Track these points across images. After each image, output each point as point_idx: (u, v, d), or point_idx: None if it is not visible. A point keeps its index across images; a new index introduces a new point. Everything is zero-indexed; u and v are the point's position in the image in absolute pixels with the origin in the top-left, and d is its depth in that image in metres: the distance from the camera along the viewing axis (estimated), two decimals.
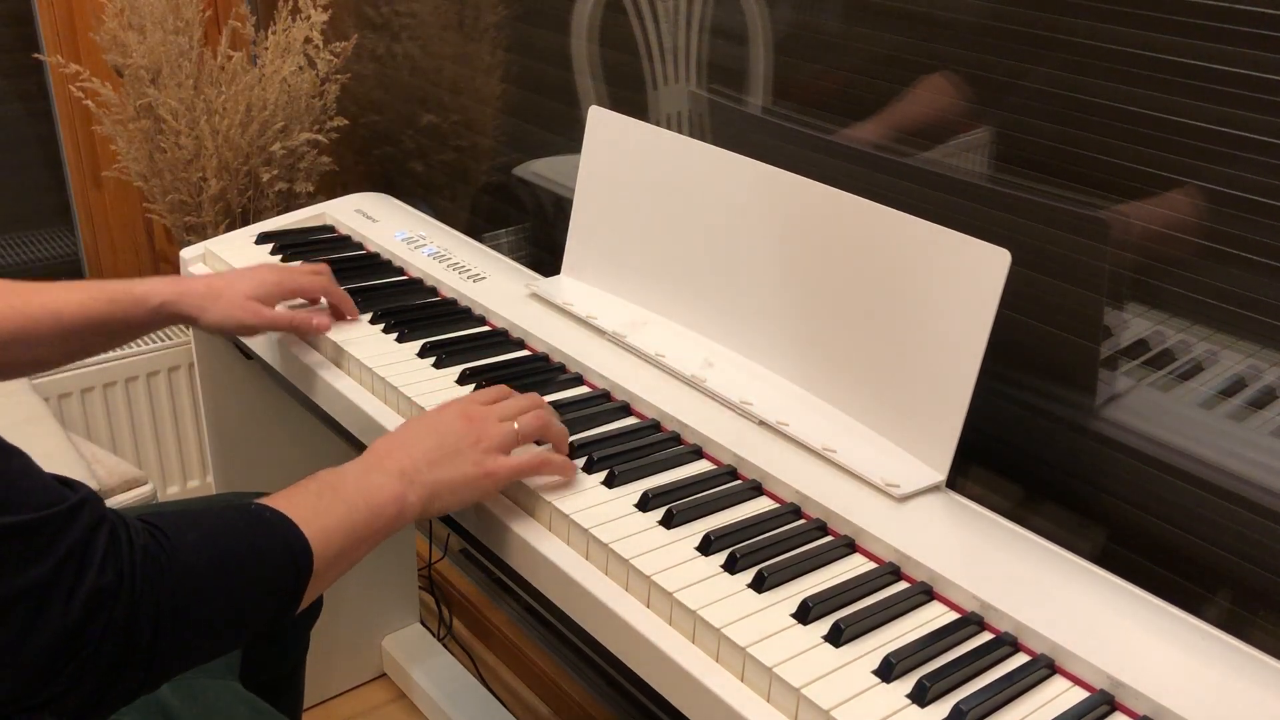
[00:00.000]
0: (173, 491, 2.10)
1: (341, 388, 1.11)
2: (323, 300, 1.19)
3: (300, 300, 1.18)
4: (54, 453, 1.49)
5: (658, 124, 1.28)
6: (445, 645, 1.81)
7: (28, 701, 0.64)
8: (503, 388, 0.97)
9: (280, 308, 1.14)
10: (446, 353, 1.11)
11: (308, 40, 1.75)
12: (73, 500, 0.65)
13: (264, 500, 0.79)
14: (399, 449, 0.87)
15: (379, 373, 1.08)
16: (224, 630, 0.73)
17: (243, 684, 1.05)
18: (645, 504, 0.89)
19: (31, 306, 0.98)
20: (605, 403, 1.06)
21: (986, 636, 0.78)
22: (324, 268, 1.19)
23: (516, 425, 0.90)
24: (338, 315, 1.18)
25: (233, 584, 0.72)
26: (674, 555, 0.83)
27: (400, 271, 1.34)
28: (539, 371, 1.11)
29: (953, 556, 0.84)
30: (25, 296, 0.99)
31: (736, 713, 0.73)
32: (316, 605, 1.26)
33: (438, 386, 1.06)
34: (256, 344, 1.25)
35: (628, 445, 0.97)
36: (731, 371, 1.07)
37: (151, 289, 1.06)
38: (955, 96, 1.04)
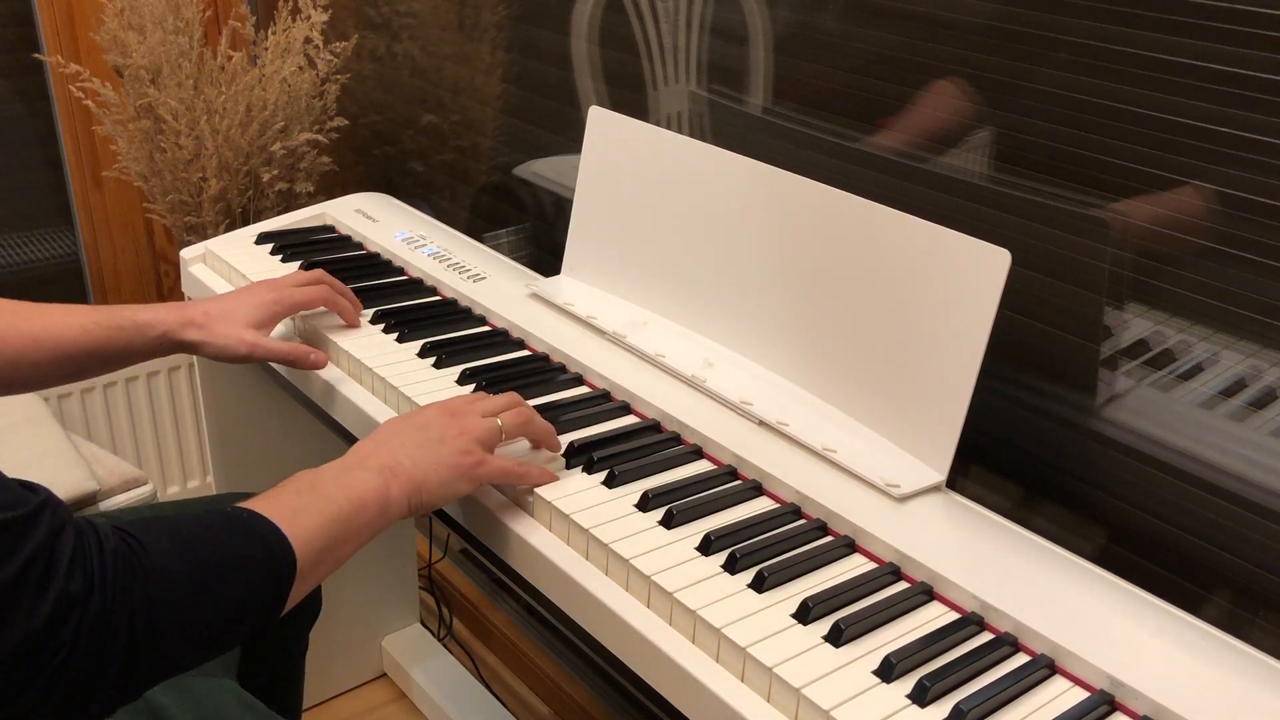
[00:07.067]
0: (173, 492, 2.10)
1: (341, 388, 1.11)
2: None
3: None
4: (54, 452, 1.48)
5: (658, 124, 1.28)
6: (445, 645, 1.81)
7: (2, 709, 0.62)
8: (482, 394, 0.97)
9: (281, 328, 1.15)
10: (447, 353, 1.11)
11: (308, 40, 1.75)
12: (35, 503, 0.63)
13: (244, 504, 0.77)
14: (379, 446, 0.87)
15: (379, 373, 1.08)
16: (206, 636, 0.70)
17: (241, 685, 1.05)
18: (645, 504, 0.89)
19: (34, 328, 0.97)
20: (605, 403, 1.06)
21: (986, 636, 0.78)
22: (321, 274, 1.17)
23: (500, 421, 0.91)
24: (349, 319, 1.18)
25: (212, 588, 0.70)
26: (674, 555, 0.83)
27: (400, 271, 1.34)
28: (539, 371, 1.11)
29: (953, 556, 0.84)
30: (28, 318, 0.98)
31: (736, 713, 0.73)
32: (315, 605, 1.26)
33: (438, 386, 1.06)
34: None
35: (628, 445, 0.97)
36: (731, 371, 1.07)
37: (155, 317, 1.05)
38: (959, 103, 1.04)
